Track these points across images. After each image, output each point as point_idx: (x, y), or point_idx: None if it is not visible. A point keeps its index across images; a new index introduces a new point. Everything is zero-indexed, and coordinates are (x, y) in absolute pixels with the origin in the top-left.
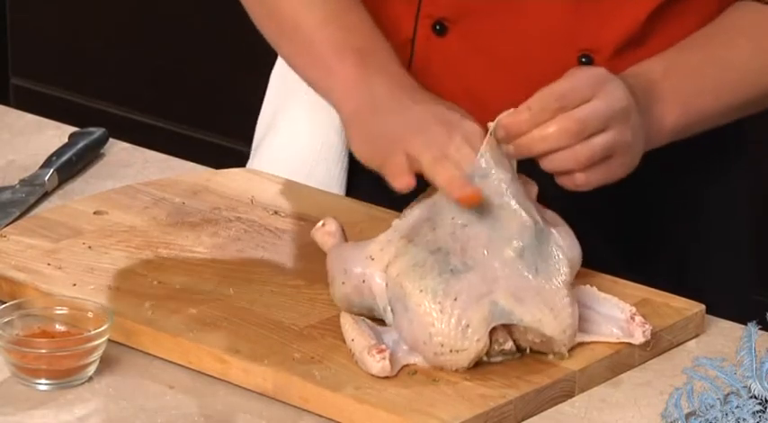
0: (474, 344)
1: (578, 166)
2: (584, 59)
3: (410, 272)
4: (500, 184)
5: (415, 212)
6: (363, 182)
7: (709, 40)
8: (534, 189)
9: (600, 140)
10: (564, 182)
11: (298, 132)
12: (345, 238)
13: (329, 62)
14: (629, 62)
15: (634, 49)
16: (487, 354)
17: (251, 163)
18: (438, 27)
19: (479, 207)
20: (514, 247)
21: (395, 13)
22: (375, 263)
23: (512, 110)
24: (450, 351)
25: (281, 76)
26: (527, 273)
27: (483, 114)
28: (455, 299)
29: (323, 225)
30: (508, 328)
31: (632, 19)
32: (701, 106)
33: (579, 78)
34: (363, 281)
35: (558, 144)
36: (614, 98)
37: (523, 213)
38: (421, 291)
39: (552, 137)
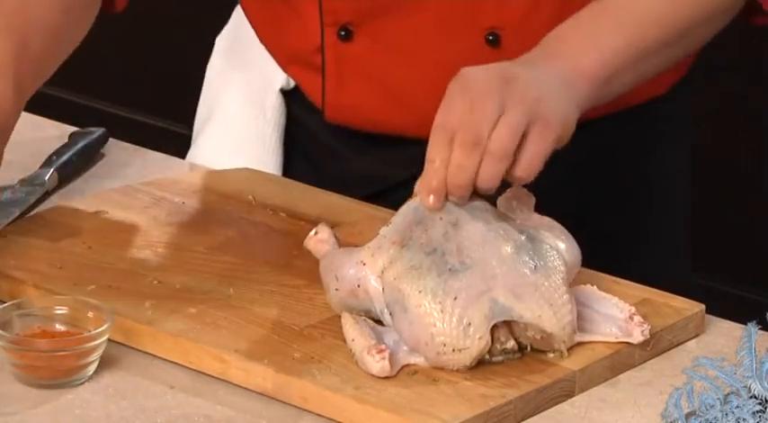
0: (476, 342)
1: (504, 162)
2: (491, 38)
3: (407, 274)
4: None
5: (399, 219)
6: (299, 172)
7: None
8: (532, 200)
9: (502, 128)
10: (515, 182)
11: (231, 124)
12: (339, 244)
13: None
14: (538, 36)
15: (543, 23)
16: (489, 353)
17: (190, 154)
18: (343, 33)
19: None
20: (511, 244)
21: (301, 23)
22: (367, 267)
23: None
24: (453, 350)
25: (216, 69)
26: (525, 269)
27: (405, 112)
28: (455, 298)
29: (315, 233)
30: (509, 326)
31: None
32: (613, 45)
33: (448, 97)
34: (358, 285)
35: (473, 163)
36: (484, 82)
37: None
38: (420, 291)
39: (463, 162)
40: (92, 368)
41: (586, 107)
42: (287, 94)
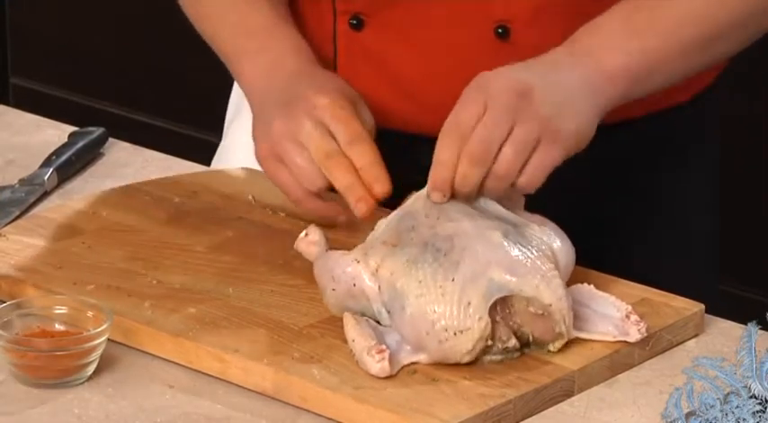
0: (476, 323)
1: (507, 181)
2: (500, 31)
3: (404, 269)
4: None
5: (385, 222)
6: None
7: None
8: (522, 200)
9: (509, 148)
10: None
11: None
12: (329, 246)
13: (234, 65)
14: (549, 30)
15: (554, 17)
16: (490, 351)
17: (217, 154)
18: (355, 22)
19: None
20: (500, 232)
21: (315, 10)
22: (362, 265)
23: (432, 168)
24: (455, 333)
25: None
26: (515, 250)
27: (413, 104)
28: (452, 280)
29: (306, 235)
30: (509, 314)
31: None
32: (644, 44)
33: (464, 100)
34: (354, 284)
35: (478, 174)
36: (500, 93)
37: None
38: (420, 282)
39: (468, 173)
40: (91, 368)
41: (612, 107)
42: None
